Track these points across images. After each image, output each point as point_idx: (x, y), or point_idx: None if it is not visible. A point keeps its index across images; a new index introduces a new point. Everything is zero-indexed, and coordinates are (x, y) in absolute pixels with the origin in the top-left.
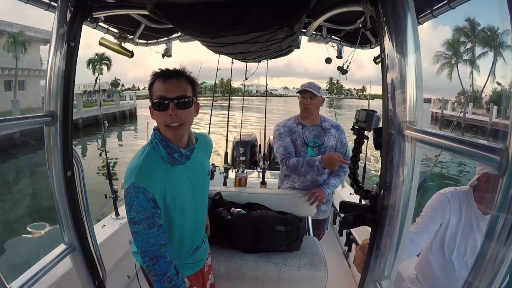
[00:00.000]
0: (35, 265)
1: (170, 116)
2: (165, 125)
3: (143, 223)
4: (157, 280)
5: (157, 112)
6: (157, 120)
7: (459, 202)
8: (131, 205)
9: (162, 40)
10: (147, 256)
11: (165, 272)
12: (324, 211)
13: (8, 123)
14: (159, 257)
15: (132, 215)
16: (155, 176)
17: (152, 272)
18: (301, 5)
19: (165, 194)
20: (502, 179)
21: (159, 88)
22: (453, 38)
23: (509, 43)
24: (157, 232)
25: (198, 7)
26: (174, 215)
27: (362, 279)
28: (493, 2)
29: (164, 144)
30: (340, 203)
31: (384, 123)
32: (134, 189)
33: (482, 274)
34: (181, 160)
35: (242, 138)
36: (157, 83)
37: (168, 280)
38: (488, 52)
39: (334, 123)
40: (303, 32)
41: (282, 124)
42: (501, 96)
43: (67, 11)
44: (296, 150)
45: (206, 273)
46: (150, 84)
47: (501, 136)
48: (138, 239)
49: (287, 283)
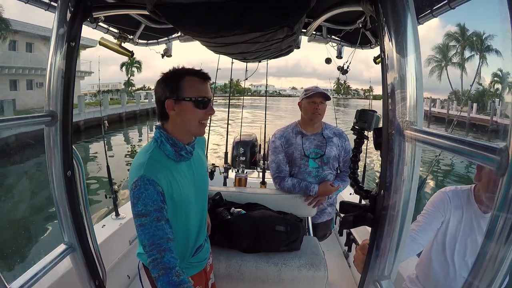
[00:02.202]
0: (35, 265)
1: (208, 114)
2: (199, 122)
3: (152, 215)
4: (165, 274)
5: (196, 109)
6: (192, 117)
7: (459, 200)
8: (139, 197)
9: (162, 40)
10: (155, 249)
11: (174, 266)
12: (329, 213)
13: (8, 123)
14: (167, 250)
15: (140, 208)
16: (162, 172)
17: (160, 266)
18: (301, 5)
19: (172, 190)
20: (502, 179)
21: (199, 87)
22: (444, 43)
23: (495, 47)
24: (165, 225)
25: (198, 7)
26: (180, 211)
27: (362, 279)
28: (492, 2)
29: (170, 142)
30: (340, 203)
31: (384, 123)
32: (144, 181)
33: (482, 274)
34: (187, 156)
35: (242, 138)
36: (196, 81)
37: (177, 274)
38: (474, 56)
39: (336, 131)
40: (303, 32)
41: (279, 134)
42: (482, 95)
43: (67, 11)
44: (295, 163)
45: (208, 273)
46: (177, 79)
47: (501, 136)
48: (145, 232)
49: (287, 283)
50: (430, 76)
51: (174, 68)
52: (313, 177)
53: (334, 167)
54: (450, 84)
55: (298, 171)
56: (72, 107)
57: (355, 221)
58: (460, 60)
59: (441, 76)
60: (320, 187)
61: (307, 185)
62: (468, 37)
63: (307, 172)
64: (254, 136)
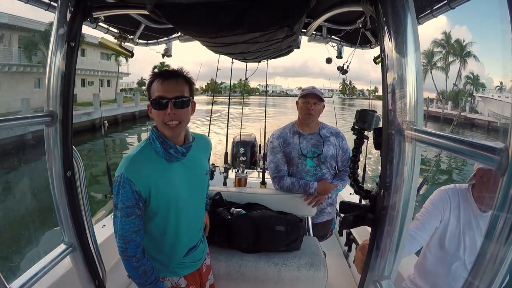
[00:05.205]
0: (35, 265)
1: (168, 115)
2: (163, 123)
3: (123, 211)
4: (127, 259)
5: (155, 111)
6: (156, 118)
7: (458, 199)
8: (118, 193)
9: (162, 40)
10: (122, 240)
11: (134, 254)
12: (329, 213)
13: (8, 123)
14: (131, 242)
15: (116, 201)
16: (145, 170)
17: (124, 253)
18: (301, 5)
19: (156, 187)
20: (502, 179)
21: (158, 88)
22: (428, 49)
23: (474, 52)
24: (133, 220)
25: (198, 7)
26: (167, 209)
27: (362, 279)
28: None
29: (160, 140)
30: (340, 203)
31: (384, 123)
32: (123, 179)
33: (482, 274)
34: (177, 156)
35: (242, 138)
36: (156, 83)
37: (136, 260)
38: (455, 61)
39: (333, 130)
40: (303, 32)
41: (276, 135)
42: (457, 95)
43: (67, 11)
44: (293, 162)
45: (205, 273)
46: (149, 84)
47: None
48: (117, 222)
49: (287, 283)
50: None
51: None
52: (311, 175)
53: (332, 166)
54: (435, 86)
55: (296, 171)
56: (72, 107)
57: (355, 221)
58: (444, 64)
59: (425, 80)
60: (319, 185)
61: (306, 183)
62: (452, 44)
63: (305, 171)
64: (253, 136)
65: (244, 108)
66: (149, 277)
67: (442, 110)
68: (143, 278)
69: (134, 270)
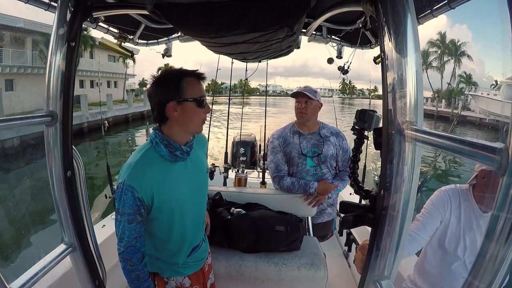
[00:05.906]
0: (35, 265)
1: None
2: (202, 121)
3: (125, 216)
4: (123, 262)
5: (198, 109)
6: (193, 117)
7: (459, 200)
8: (120, 199)
9: (162, 40)
10: (121, 243)
11: (130, 258)
12: (329, 214)
13: (8, 123)
14: (130, 247)
15: (118, 206)
16: (148, 175)
17: (121, 255)
18: (301, 5)
19: (160, 191)
20: (502, 179)
21: (197, 88)
22: (424, 49)
23: (468, 53)
24: (134, 227)
25: (198, 7)
26: (172, 211)
27: (362, 279)
28: (492, 2)
29: (165, 143)
30: (340, 203)
31: (384, 123)
32: (125, 186)
33: (482, 274)
34: (183, 157)
35: (242, 138)
36: (195, 82)
37: (131, 264)
38: (450, 60)
39: (333, 130)
40: (303, 32)
41: (277, 135)
42: (450, 93)
43: (67, 11)
44: (293, 162)
45: (207, 272)
46: (178, 81)
47: (501, 136)
48: (118, 227)
49: (287, 283)
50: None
51: (169, 70)
52: (311, 175)
53: (332, 166)
54: (430, 85)
55: (296, 170)
56: (72, 107)
57: (355, 221)
58: (439, 64)
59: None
60: (320, 185)
61: (306, 183)
62: (446, 45)
63: (305, 171)
64: (253, 136)
65: (245, 107)
66: (141, 284)
67: (436, 108)
68: (136, 283)
69: (128, 274)
